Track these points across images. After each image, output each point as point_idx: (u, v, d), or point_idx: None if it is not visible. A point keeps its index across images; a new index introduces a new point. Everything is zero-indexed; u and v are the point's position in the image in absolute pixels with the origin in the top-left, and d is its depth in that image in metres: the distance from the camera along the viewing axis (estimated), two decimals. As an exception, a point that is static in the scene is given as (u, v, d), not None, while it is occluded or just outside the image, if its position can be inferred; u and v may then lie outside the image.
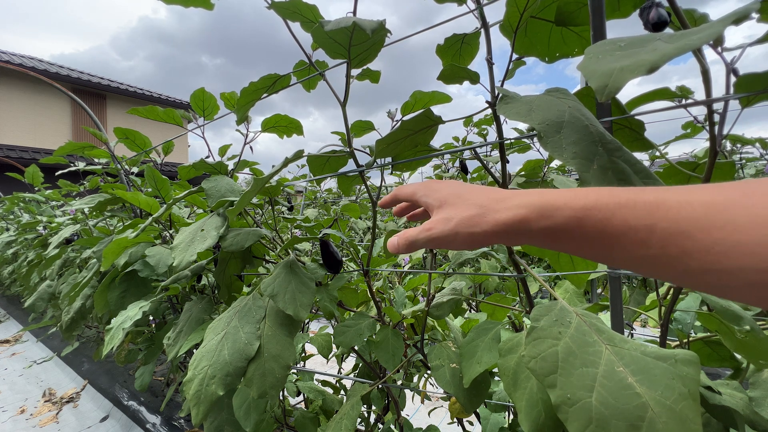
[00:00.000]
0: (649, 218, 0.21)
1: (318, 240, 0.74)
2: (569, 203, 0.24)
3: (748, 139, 1.20)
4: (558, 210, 0.24)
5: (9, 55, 9.77)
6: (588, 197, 0.23)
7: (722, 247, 0.18)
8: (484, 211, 0.27)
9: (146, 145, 1.20)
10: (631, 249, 0.22)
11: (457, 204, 0.29)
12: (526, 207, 0.25)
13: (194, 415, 0.53)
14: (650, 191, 0.22)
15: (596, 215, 0.23)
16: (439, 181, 0.35)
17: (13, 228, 2.91)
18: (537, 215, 0.24)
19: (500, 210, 0.26)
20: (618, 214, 0.22)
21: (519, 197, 0.26)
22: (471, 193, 0.30)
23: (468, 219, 0.27)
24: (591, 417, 0.29)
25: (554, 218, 0.24)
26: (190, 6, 0.61)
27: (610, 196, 0.23)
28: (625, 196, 0.22)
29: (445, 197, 0.31)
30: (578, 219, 0.23)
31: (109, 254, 0.88)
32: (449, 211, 0.29)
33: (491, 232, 0.26)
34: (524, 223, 0.25)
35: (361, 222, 2.50)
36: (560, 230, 0.24)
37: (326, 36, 0.54)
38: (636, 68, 0.26)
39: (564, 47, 0.56)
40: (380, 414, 0.99)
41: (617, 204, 0.22)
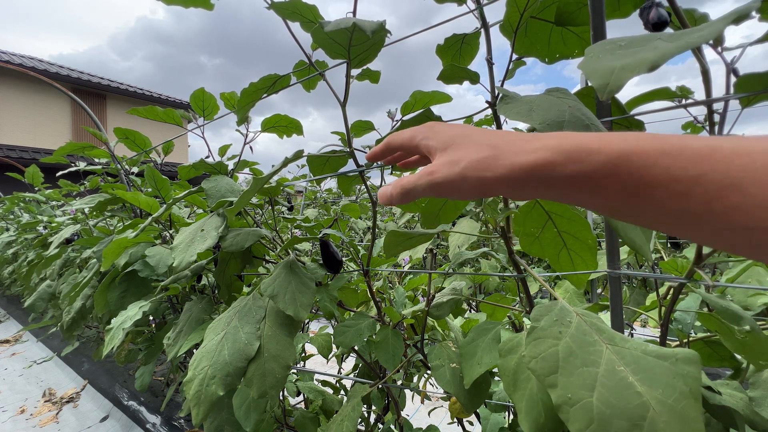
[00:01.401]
0: (697, 168, 0.18)
1: (318, 240, 0.74)
2: (604, 147, 0.20)
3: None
4: (591, 154, 0.20)
5: (9, 55, 9.78)
6: (627, 140, 0.20)
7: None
8: (499, 153, 0.23)
9: (146, 145, 1.20)
10: (668, 203, 0.19)
11: (467, 144, 0.25)
12: (552, 149, 0.21)
13: (194, 415, 0.53)
14: (699, 139, 0.19)
15: (635, 162, 0.19)
16: (442, 123, 0.30)
17: (13, 228, 2.91)
18: (564, 158, 0.21)
19: (519, 152, 0.22)
20: (661, 161, 0.19)
21: (541, 139, 0.22)
22: (483, 134, 0.25)
23: (479, 161, 0.23)
24: (592, 417, 0.29)
25: (585, 163, 0.21)
26: (190, 6, 0.61)
27: (652, 141, 0.20)
28: (670, 141, 0.19)
29: (451, 137, 0.26)
30: (613, 165, 0.20)
31: (109, 254, 0.88)
32: (456, 152, 0.25)
33: (505, 177, 0.22)
34: (547, 168, 0.21)
35: (361, 222, 2.51)
36: (589, 177, 0.21)
37: (326, 36, 0.54)
38: (637, 66, 0.26)
39: (564, 48, 0.56)
40: (380, 414, 0.99)
41: (660, 150, 0.19)
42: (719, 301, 0.49)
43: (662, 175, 0.19)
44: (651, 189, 0.19)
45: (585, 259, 0.57)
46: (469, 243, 0.87)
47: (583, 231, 0.55)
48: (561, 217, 0.55)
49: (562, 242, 0.57)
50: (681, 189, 0.19)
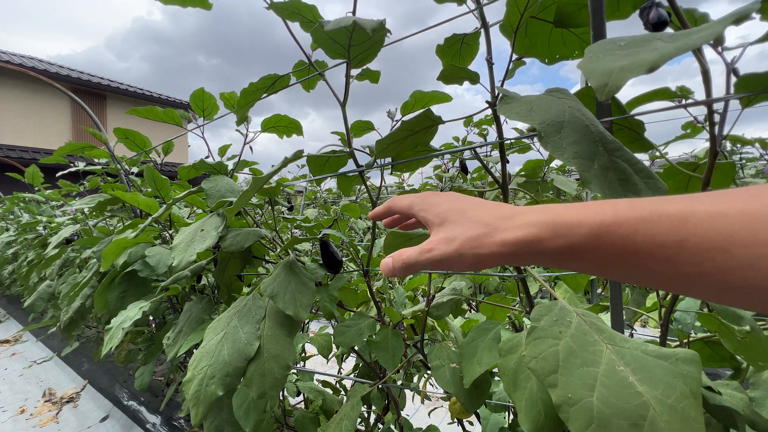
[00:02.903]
0: (678, 233, 0.19)
1: (318, 240, 0.74)
2: (585, 220, 0.22)
3: (747, 140, 1.20)
4: (573, 227, 0.22)
5: (9, 55, 9.77)
6: (605, 211, 0.21)
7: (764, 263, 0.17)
8: (491, 230, 0.24)
9: (146, 145, 1.20)
10: (657, 267, 0.20)
11: (460, 221, 0.26)
12: (538, 225, 0.23)
13: (194, 416, 0.53)
14: (675, 201, 0.20)
15: (616, 231, 0.21)
16: (438, 194, 0.32)
17: (13, 228, 2.91)
18: (551, 234, 0.22)
19: (508, 228, 0.24)
20: (641, 229, 0.20)
21: (528, 214, 0.24)
22: (475, 209, 0.27)
23: (473, 239, 0.25)
24: (592, 416, 0.29)
25: (570, 237, 0.22)
26: (188, 6, 0.60)
27: (630, 210, 0.21)
28: (648, 208, 0.20)
29: (446, 213, 0.28)
30: (597, 236, 0.21)
31: (108, 254, 0.88)
32: (451, 229, 0.26)
33: (498, 253, 0.24)
34: (536, 243, 0.23)
35: (361, 222, 2.50)
36: (576, 249, 0.22)
37: (326, 36, 0.54)
38: (636, 67, 0.26)
39: (564, 49, 0.56)
40: (380, 414, 0.99)
41: (639, 218, 0.20)
42: (719, 301, 0.49)
43: (645, 242, 0.20)
44: (637, 255, 0.20)
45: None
46: (469, 243, 0.87)
47: (583, 231, 0.55)
48: (561, 217, 0.55)
49: (562, 242, 0.57)
50: (668, 254, 0.19)
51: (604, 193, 0.33)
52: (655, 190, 0.35)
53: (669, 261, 0.19)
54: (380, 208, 0.38)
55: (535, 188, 1.32)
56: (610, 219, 0.21)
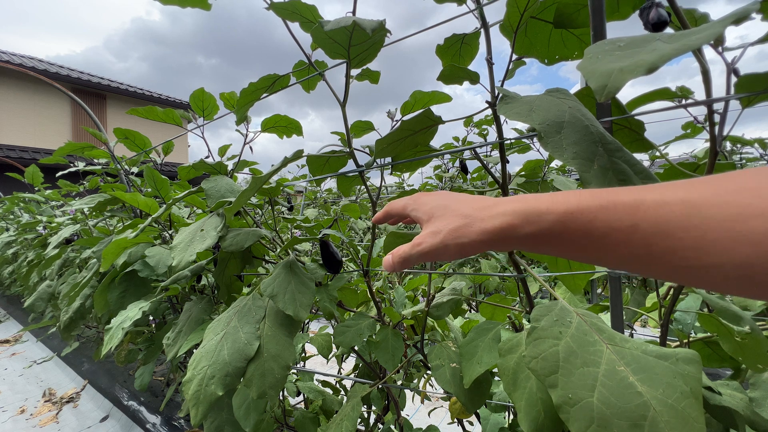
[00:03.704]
0: (630, 219, 0.22)
1: (318, 240, 0.74)
2: (552, 208, 0.24)
3: (747, 140, 1.20)
4: (542, 215, 0.24)
5: (9, 55, 9.77)
6: (569, 201, 0.24)
7: (701, 244, 0.19)
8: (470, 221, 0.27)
9: (146, 145, 1.20)
10: (616, 249, 0.23)
11: (444, 216, 0.30)
12: (511, 214, 0.25)
13: (193, 416, 0.53)
14: (629, 191, 0.23)
15: (579, 218, 0.23)
16: (427, 194, 0.35)
17: (13, 228, 2.91)
18: (522, 221, 0.25)
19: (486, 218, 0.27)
20: (600, 216, 0.23)
21: (503, 205, 0.27)
22: (456, 203, 0.30)
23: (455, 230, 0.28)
24: (593, 416, 0.29)
25: (539, 223, 0.24)
26: (187, 6, 0.60)
27: (591, 199, 0.23)
28: (605, 198, 0.23)
29: (432, 210, 0.31)
30: (562, 223, 0.24)
31: (108, 255, 0.88)
32: (437, 223, 0.30)
33: (479, 240, 0.27)
34: (511, 230, 0.25)
35: (361, 222, 2.50)
36: (546, 234, 0.24)
37: (326, 36, 0.54)
38: (635, 69, 0.26)
39: (564, 50, 0.56)
40: (380, 414, 0.99)
41: (598, 206, 0.23)
42: (719, 301, 0.49)
43: (604, 227, 0.22)
44: (598, 239, 0.23)
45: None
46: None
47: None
48: (561, 217, 0.55)
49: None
50: (623, 237, 0.22)
51: (604, 193, 0.33)
52: (655, 190, 0.35)
53: (624, 243, 0.22)
54: (380, 213, 0.41)
55: (535, 188, 1.32)
56: (573, 207, 0.23)
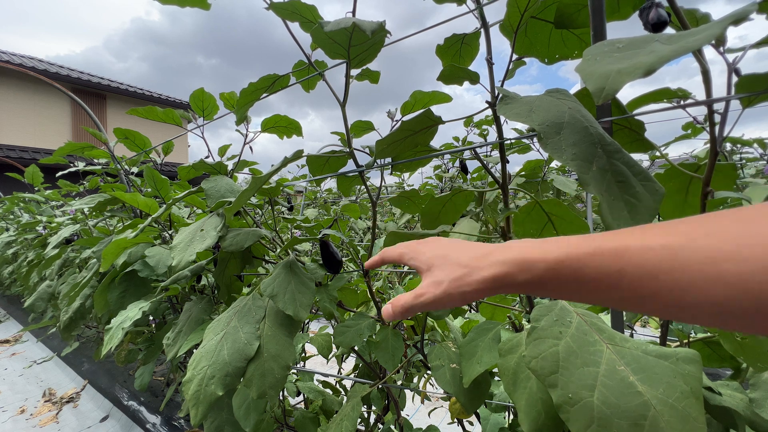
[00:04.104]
0: (617, 264, 0.23)
1: (318, 240, 0.74)
2: (544, 257, 0.26)
3: (747, 141, 1.20)
4: (534, 263, 0.26)
5: (9, 55, 9.77)
6: (560, 249, 0.26)
7: (681, 285, 0.21)
8: (470, 270, 0.29)
9: (146, 145, 1.20)
10: (606, 293, 0.24)
11: (444, 266, 0.31)
12: (506, 264, 0.27)
13: (193, 416, 0.53)
14: (614, 237, 0.25)
15: (569, 266, 0.25)
16: (422, 242, 0.36)
17: (13, 228, 2.91)
18: (517, 270, 0.27)
19: (484, 267, 0.28)
20: (588, 263, 0.24)
21: (498, 253, 0.28)
22: (454, 252, 0.31)
23: (457, 279, 0.29)
24: (593, 416, 0.29)
25: (532, 271, 0.26)
26: (187, 6, 0.60)
27: (579, 246, 0.25)
28: (593, 245, 0.25)
29: (431, 260, 0.33)
30: (554, 270, 0.25)
31: (108, 255, 0.88)
32: (438, 273, 0.31)
33: (480, 288, 0.28)
34: (508, 278, 0.27)
35: (361, 222, 2.50)
36: (540, 281, 0.26)
37: (326, 36, 0.54)
38: (633, 71, 0.26)
39: (564, 49, 0.56)
40: (380, 414, 0.99)
41: (586, 254, 0.25)
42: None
43: (593, 273, 0.24)
44: (589, 284, 0.24)
45: (584, 261, 0.57)
46: (469, 243, 0.87)
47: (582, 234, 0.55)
48: (561, 219, 0.55)
49: (562, 244, 0.57)
50: (611, 282, 0.23)
51: (602, 194, 0.33)
52: (653, 192, 0.35)
53: (613, 288, 0.24)
54: (375, 258, 0.42)
55: (535, 188, 1.32)
56: (563, 255, 0.25)
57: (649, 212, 0.34)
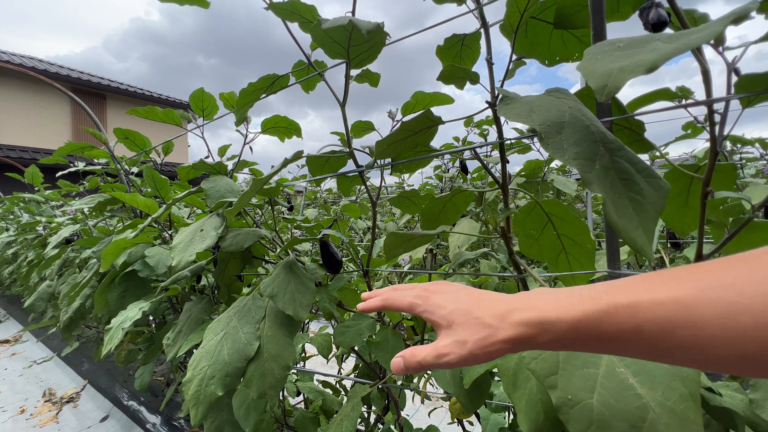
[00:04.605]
0: (632, 321, 0.23)
1: (318, 240, 0.74)
2: (562, 317, 0.26)
3: (747, 140, 1.20)
4: (554, 324, 0.26)
5: (9, 55, 9.77)
6: (575, 308, 0.26)
7: (701, 340, 0.21)
8: (493, 331, 0.29)
9: (146, 145, 1.20)
10: (627, 348, 0.25)
11: (466, 323, 0.30)
12: (527, 325, 0.28)
13: (193, 416, 0.53)
14: (624, 291, 0.25)
15: (587, 325, 0.25)
16: (436, 292, 0.34)
17: (13, 228, 2.91)
18: (538, 331, 0.27)
19: (506, 327, 0.29)
20: (605, 321, 0.24)
21: (517, 313, 0.28)
22: (475, 309, 0.31)
23: (481, 340, 0.29)
24: (592, 418, 0.29)
25: (554, 332, 0.27)
26: (186, 4, 0.60)
27: (593, 303, 0.25)
28: (606, 302, 0.25)
29: (451, 315, 0.31)
30: (574, 330, 0.26)
31: (108, 255, 0.88)
32: (460, 332, 0.30)
33: (504, 348, 0.28)
34: (530, 338, 0.28)
35: (361, 222, 2.51)
36: (561, 341, 0.27)
37: (325, 35, 0.54)
38: (635, 68, 0.26)
39: (564, 50, 0.56)
40: (380, 414, 0.99)
41: (600, 311, 0.25)
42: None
43: (611, 330, 0.24)
44: (609, 341, 0.25)
45: (583, 264, 0.57)
46: (469, 243, 0.87)
47: (582, 234, 0.55)
48: (561, 219, 0.55)
49: (561, 246, 0.57)
50: (629, 338, 0.24)
51: (606, 192, 0.33)
52: (658, 189, 0.34)
53: (632, 343, 0.24)
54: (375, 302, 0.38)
55: (535, 188, 1.32)
56: (579, 315, 0.26)
57: (655, 209, 0.33)
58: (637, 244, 0.32)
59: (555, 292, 0.28)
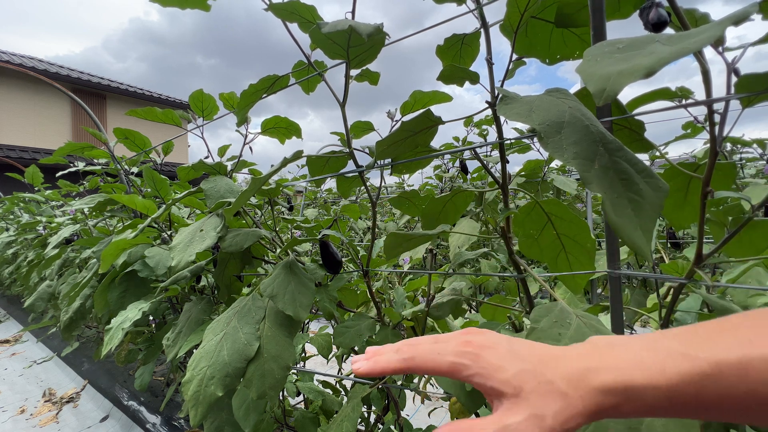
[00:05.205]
0: (744, 384, 0.20)
1: (318, 241, 0.74)
2: (653, 383, 0.22)
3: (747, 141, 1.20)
4: (644, 392, 0.23)
5: (9, 55, 9.77)
6: (668, 371, 0.22)
7: None
8: (571, 401, 0.24)
9: (146, 145, 1.20)
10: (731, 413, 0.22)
11: (539, 391, 0.24)
12: (611, 393, 0.23)
13: (193, 416, 0.53)
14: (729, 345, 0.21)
15: (684, 390, 0.22)
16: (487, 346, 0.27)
17: (13, 228, 2.91)
18: (624, 400, 0.23)
19: (584, 396, 0.24)
20: (706, 386, 0.21)
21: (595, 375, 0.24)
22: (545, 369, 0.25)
23: (560, 413, 0.24)
24: (591, 419, 0.29)
25: (642, 401, 0.23)
26: (187, 7, 0.60)
27: (688, 363, 0.22)
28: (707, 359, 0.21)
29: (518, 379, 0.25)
30: (666, 399, 0.22)
31: (107, 256, 0.88)
32: (534, 404, 0.24)
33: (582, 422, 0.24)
34: (614, 409, 0.24)
35: (361, 222, 2.50)
36: (650, 410, 0.23)
37: (325, 37, 0.54)
38: (633, 72, 0.26)
39: (565, 49, 0.56)
40: (380, 414, 0.99)
41: (702, 374, 0.21)
42: (720, 301, 0.49)
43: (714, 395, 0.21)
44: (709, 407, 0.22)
45: (583, 263, 0.57)
46: (469, 243, 0.87)
47: (581, 234, 0.55)
48: (560, 219, 0.55)
49: (561, 245, 0.57)
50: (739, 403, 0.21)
51: (605, 192, 0.33)
52: (656, 189, 0.34)
53: (742, 409, 0.21)
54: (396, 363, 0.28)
55: (535, 188, 1.32)
56: (676, 379, 0.22)
57: (653, 209, 0.33)
58: (636, 244, 0.32)
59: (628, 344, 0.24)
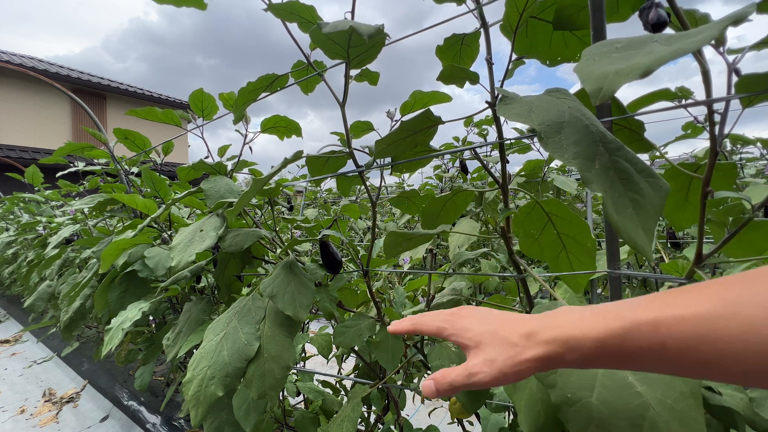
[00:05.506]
0: (656, 338, 0.24)
1: (318, 241, 0.74)
2: (587, 334, 0.27)
3: (749, 139, 1.20)
4: (580, 342, 0.27)
5: (9, 55, 9.77)
6: (599, 325, 0.26)
7: (727, 354, 0.22)
8: (520, 349, 0.29)
9: (146, 145, 1.20)
10: (651, 364, 0.25)
11: (494, 344, 0.31)
12: (554, 343, 0.28)
13: (193, 416, 0.53)
14: (646, 308, 0.25)
15: (612, 343, 0.26)
16: (462, 316, 0.36)
17: (13, 228, 2.91)
18: (564, 350, 0.27)
19: (533, 346, 0.29)
20: (628, 338, 0.25)
21: (543, 333, 0.29)
22: (502, 329, 0.31)
23: (510, 358, 0.29)
24: (591, 416, 0.29)
25: (579, 350, 0.27)
26: (183, 5, 0.60)
27: (616, 320, 0.26)
28: (629, 318, 0.25)
29: (479, 336, 0.32)
30: (598, 348, 0.26)
31: (107, 256, 0.88)
32: (489, 351, 0.31)
33: (532, 367, 0.29)
34: (557, 358, 0.28)
35: (361, 222, 2.50)
36: (587, 358, 0.27)
37: (325, 37, 0.54)
38: (630, 72, 0.26)
39: (566, 51, 0.55)
40: (380, 414, 0.99)
41: (624, 328, 0.25)
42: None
43: (636, 347, 0.25)
44: (633, 357, 0.25)
45: (583, 262, 0.57)
46: (469, 243, 0.87)
47: (582, 233, 0.55)
48: (561, 218, 0.55)
49: (561, 245, 0.57)
50: (654, 355, 0.24)
51: (606, 192, 0.33)
52: (657, 189, 0.34)
53: (657, 359, 0.24)
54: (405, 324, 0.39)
55: (535, 188, 1.32)
56: (603, 333, 0.26)
57: (654, 209, 0.33)
58: (636, 244, 0.32)
59: (580, 310, 0.29)
